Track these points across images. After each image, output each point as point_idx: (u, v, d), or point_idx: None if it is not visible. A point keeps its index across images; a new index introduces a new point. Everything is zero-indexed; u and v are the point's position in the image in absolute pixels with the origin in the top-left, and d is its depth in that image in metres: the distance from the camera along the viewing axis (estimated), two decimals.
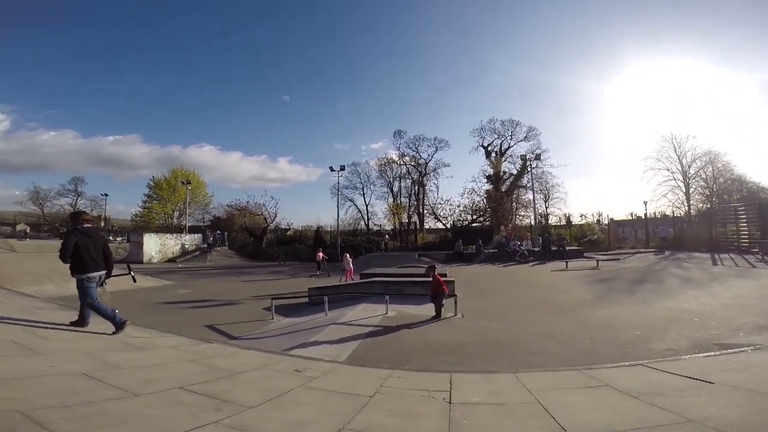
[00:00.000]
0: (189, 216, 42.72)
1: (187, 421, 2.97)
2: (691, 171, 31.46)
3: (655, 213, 32.64)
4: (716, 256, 19.71)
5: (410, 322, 8.31)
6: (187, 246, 33.45)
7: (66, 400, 3.14)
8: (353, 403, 3.63)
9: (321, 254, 21.70)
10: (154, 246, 30.77)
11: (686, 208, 31.48)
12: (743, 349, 5.35)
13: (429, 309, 8.88)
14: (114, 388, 3.59)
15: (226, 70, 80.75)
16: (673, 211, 32.24)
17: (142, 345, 5.85)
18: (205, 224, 43.04)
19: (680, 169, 31.71)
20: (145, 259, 29.11)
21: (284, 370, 4.87)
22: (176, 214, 45.67)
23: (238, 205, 39.49)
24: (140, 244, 29.88)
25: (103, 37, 74.11)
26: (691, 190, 31.45)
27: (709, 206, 29.41)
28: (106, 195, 50.88)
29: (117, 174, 74.31)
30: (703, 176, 31.30)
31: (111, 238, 41.07)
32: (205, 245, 34.41)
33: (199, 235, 36.42)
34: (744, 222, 23.01)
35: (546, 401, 3.53)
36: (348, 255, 19.68)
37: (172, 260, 30.37)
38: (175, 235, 34.95)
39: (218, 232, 36.40)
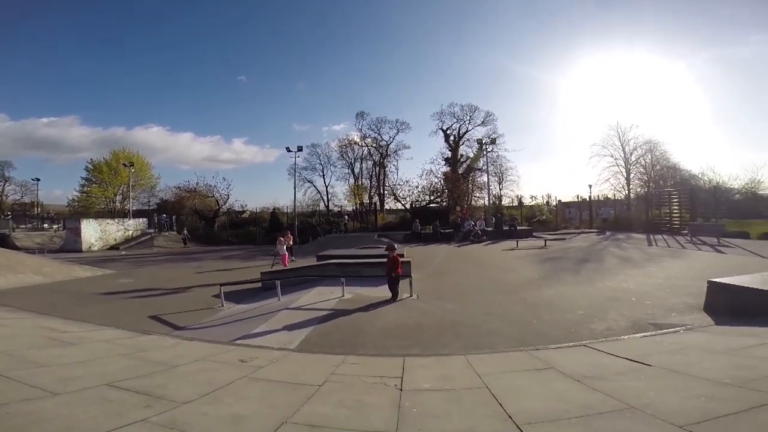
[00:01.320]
0: (133, 200, 40.15)
1: (111, 419, 2.76)
2: (633, 158, 33.72)
3: (598, 196, 34.66)
4: (651, 236, 21.19)
5: (367, 305, 8.23)
6: (131, 232, 31.38)
7: None
8: (300, 393, 3.48)
9: (290, 239, 17.64)
10: (93, 233, 28.58)
11: (626, 192, 33.71)
12: (676, 329, 5.69)
13: (386, 290, 8.84)
14: (31, 388, 3.32)
15: (178, 50, 75.04)
16: (614, 195, 34.47)
17: (70, 340, 5.40)
18: (152, 208, 40.60)
19: (623, 155, 33.82)
20: (84, 247, 27.03)
21: (228, 360, 4.64)
22: (119, 198, 42.69)
23: (187, 187, 37.51)
24: (78, 232, 27.61)
25: (39, 15, 66.44)
26: (632, 175, 33.76)
27: (646, 191, 31.54)
28: (38, 180, 47.00)
29: (53, 158, 68.14)
30: (643, 163, 33.65)
31: (45, 225, 37.90)
32: (153, 230, 32.46)
33: (145, 219, 34.23)
34: (676, 205, 24.89)
35: (494, 386, 3.55)
36: (281, 238, 15.93)
37: (114, 247, 28.41)
38: (117, 220, 32.61)
39: (164, 215, 34.35)
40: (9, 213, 40.03)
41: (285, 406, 3.16)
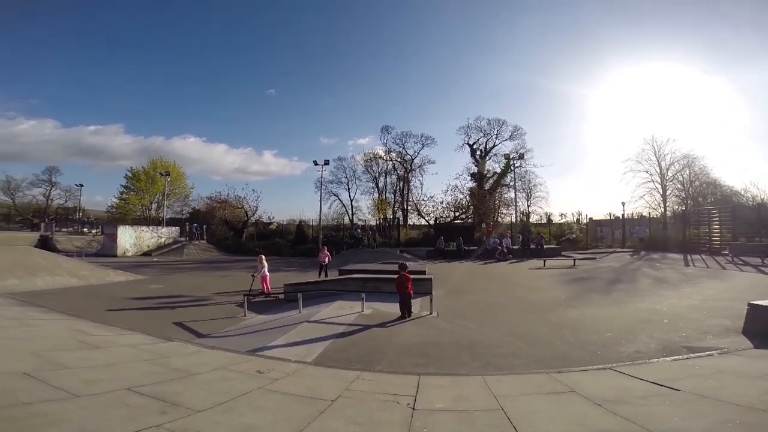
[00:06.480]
0: (167, 208, 41.80)
1: (125, 424, 2.84)
2: (669, 174, 32.03)
3: (632, 214, 33.25)
4: (688, 256, 20.19)
5: (385, 321, 8.18)
6: (163, 239, 32.54)
7: None
8: (312, 408, 3.47)
9: (327, 255, 16.25)
10: (128, 239, 29.80)
11: (662, 209, 32.13)
12: (710, 352, 5.36)
13: None
14: (54, 389, 3.45)
15: (214, 63, 79.95)
16: (649, 213, 32.91)
17: (97, 343, 5.60)
18: (184, 216, 42.11)
19: (659, 171, 32.23)
20: (119, 252, 28.20)
21: (245, 371, 4.69)
22: (154, 206, 44.59)
23: (218, 198, 38.63)
24: (114, 237, 28.88)
25: (91, 28, 72.37)
26: (668, 192, 32.05)
27: (684, 208, 30.10)
28: (81, 185, 49.65)
29: (96, 164, 72.66)
30: (680, 179, 31.92)
31: (85, 230, 39.96)
32: (184, 239, 33.59)
33: (177, 228, 35.47)
34: (717, 224, 23.63)
35: (510, 409, 3.43)
36: (263, 255, 13.05)
37: (147, 254, 29.48)
38: (151, 227, 33.93)
39: (195, 225, 35.54)
40: (53, 216, 42.49)
41: (297, 419, 3.16)
